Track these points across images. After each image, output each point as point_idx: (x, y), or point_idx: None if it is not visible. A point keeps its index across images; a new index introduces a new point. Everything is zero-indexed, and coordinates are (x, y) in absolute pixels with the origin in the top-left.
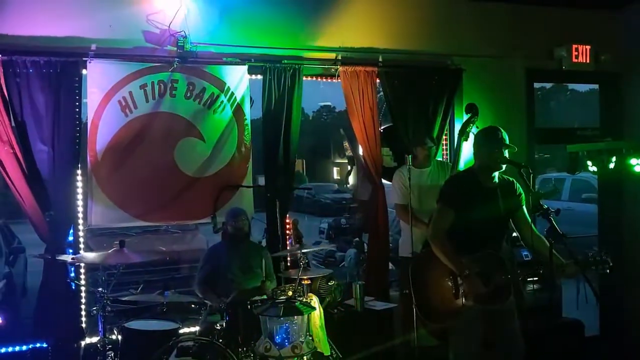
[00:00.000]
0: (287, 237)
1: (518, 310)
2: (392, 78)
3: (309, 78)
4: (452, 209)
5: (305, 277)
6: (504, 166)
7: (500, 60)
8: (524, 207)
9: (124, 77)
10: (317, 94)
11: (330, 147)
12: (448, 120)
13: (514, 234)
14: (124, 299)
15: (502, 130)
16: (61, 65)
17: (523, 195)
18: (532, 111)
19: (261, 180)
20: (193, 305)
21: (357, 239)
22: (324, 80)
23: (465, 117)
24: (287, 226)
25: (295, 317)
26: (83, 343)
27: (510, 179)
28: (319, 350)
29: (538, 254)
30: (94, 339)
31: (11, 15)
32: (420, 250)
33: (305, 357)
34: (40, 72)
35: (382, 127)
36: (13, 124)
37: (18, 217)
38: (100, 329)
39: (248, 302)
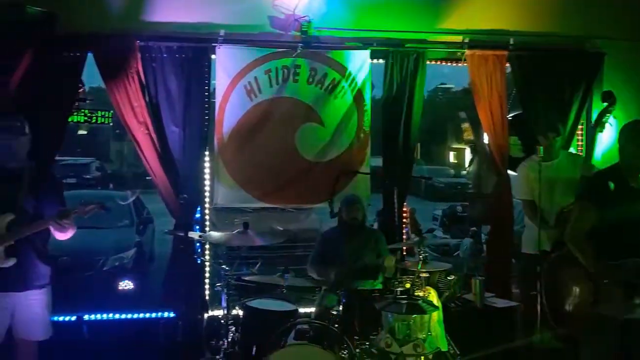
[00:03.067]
0: (404, 226)
1: None
2: (524, 62)
3: (433, 62)
4: (594, 209)
5: (423, 270)
6: None
7: None
8: None
9: (250, 62)
10: (433, 74)
11: (447, 130)
12: (585, 109)
13: None
14: (246, 278)
15: None
16: (192, 50)
17: None
18: None
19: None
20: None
21: (474, 228)
22: (448, 64)
23: (602, 105)
24: (404, 214)
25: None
26: (206, 315)
27: None
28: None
29: None
30: (216, 312)
31: (147, 3)
32: (550, 249)
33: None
34: (174, 57)
35: (510, 115)
36: (148, 106)
37: (146, 187)
38: (223, 305)
39: (365, 292)
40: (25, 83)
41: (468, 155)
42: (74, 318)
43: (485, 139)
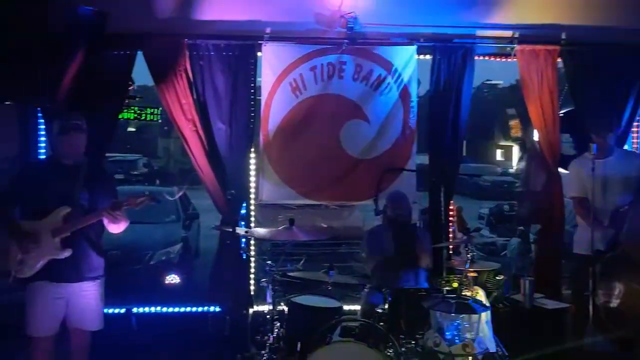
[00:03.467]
0: (451, 224)
1: None
2: (576, 57)
3: (481, 57)
4: None
5: (472, 269)
6: None
7: None
8: None
9: (296, 59)
10: (478, 70)
11: (494, 128)
12: None
13: None
14: (291, 274)
15: None
16: (239, 48)
17: None
18: None
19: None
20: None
21: (521, 228)
22: (498, 59)
23: None
24: (451, 212)
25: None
26: (251, 310)
27: None
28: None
29: None
30: (261, 308)
31: (195, 1)
32: (604, 249)
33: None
34: (221, 54)
35: (561, 111)
36: (196, 104)
37: (192, 183)
38: (268, 300)
39: (412, 290)
40: (78, 81)
41: (516, 152)
42: (123, 310)
43: (536, 136)
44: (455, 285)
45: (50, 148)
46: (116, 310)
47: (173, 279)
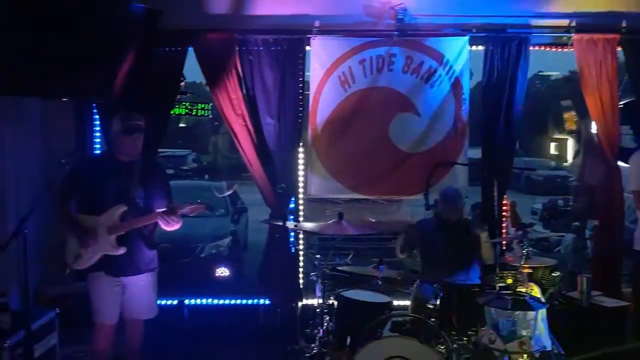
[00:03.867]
0: (504, 219)
1: None
2: (637, 46)
3: (536, 48)
4: None
5: (526, 265)
6: None
7: None
8: None
9: (344, 52)
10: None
11: (547, 120)
12: None
13: None
14: (341, 268)
15: None
16: (288, 42)
17: None
18: None
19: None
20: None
21: (577, 223)
22: (553, 50)
23: None
24: (504, 207)
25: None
26: (300, 304)
27: None
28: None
29: None
30: (310, 301)
31: None
32: None
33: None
34: (269, 49)
35: (621, 103)
36: (245, 99)
37: (241, 178)
38: (317, 294)
39: (464, 286)
40: (132, 78)
41: (570, 146)
42: (175, 302)
43: (594, 128)
44: (509, 281)
45: (106, 144)
46: (169, 302)
47: (223, 271)
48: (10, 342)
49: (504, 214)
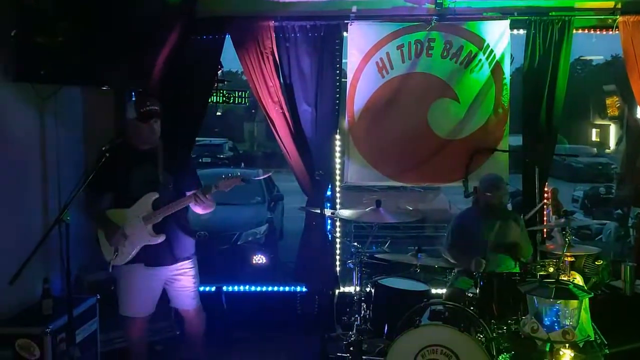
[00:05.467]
0: (545, 207)
1: None
2: None
3: (579, 31)
4: None
5: (569, 253)
6: None
7: None
8: None
9: (382, 38)
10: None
11: (588, 106)
12: None
13: None
14: (378, 256)
15: None
16: (325, 28)
17: None
18: None
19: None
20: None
21: (619, 211)
22: (597, 32)
23: None
24: (546, 195)
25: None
26: (337, 291)
27: None
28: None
29: None
30: (347, 289)
31: None
32: None
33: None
34: (306, 36)
35: None
36: (282, 86)
37: (276, 166)
38: (355, 282)
39: (504, 275)
40: (169, 66)
41: (613, 132)
42: (213, 289)
43: (639, 113)
44: (551, 270)
45: (119, 134)
46: (206, 289)
47: (260, 259)
48: (53, 327)
49: (545, 201)
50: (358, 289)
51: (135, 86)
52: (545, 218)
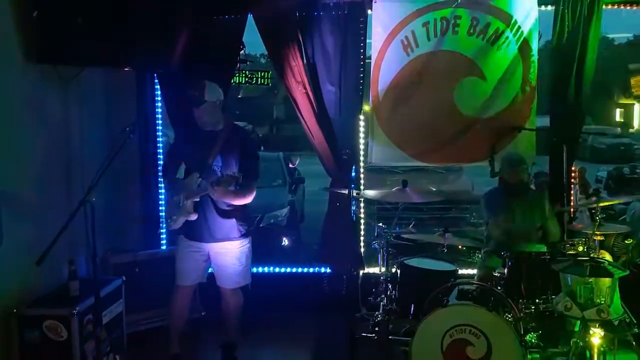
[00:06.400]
0: (572, 186)
1: None
2: None
3: (610, 6)
4: None
5: (598, 232)
6: None
7: None
8: None
9: (407, 15)
10: None
11: (612, 85)
12: None
13: None
14: (405, 236)
15: None
16: (348, 6)
17: None
18: None
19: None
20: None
21: None
22: (628, 7)
23: None
24: (573, 175)
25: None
26: (362, 272)
27: None
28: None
29: None
30: (371, 270)
31: None
32: None
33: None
34: (330, 14)
35: None
36: (305, 66)
37: (298, 150)
38: (380, 262)
39: (533, 254)
40: (192, 47)
41: (638, 111)
42: None
43: None
44: (580, 249)
45: (167, 113)
46: None
47: (283, 241)
48: (80, 308)
49: (572, 181)
50: (384, 269)
51: (157, 68)
52: (572, 198)
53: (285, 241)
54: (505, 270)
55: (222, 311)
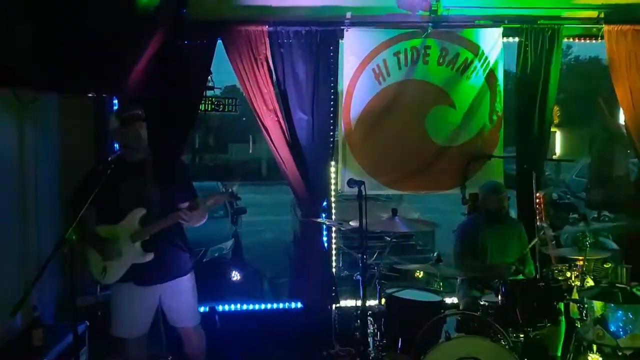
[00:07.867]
0: (538, 213)
1: None
2: None
3: (568, 39)
4: None
5: (582, 257)
6: None
7: None
8: None
9: (379, 44)
10: None
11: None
12: None
13: None
14: (397, 267)
15: None
16: (320, 34)
17: None
18: None
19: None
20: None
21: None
22: (584, 41)
23: None
24: (537, 201)
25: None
26: (334, 306)
27: None
28: None
29: None
30: (346, 303)
31: None
32: None
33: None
34: (301, 42)
35: None
36: (277, 93)
37: (221, 179)
38: (361, 295)
39: (525, 281)
40: (155, 69)
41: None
42: (207, 309)
43: (622, 119)
44: (568, 274)
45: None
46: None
47: (233, 275)
48: None
49: (537, 208)
50: (375, 302)
51: (114, 92)
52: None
53: (237, 275)
54: (499, 298)
55: (188, 354)
